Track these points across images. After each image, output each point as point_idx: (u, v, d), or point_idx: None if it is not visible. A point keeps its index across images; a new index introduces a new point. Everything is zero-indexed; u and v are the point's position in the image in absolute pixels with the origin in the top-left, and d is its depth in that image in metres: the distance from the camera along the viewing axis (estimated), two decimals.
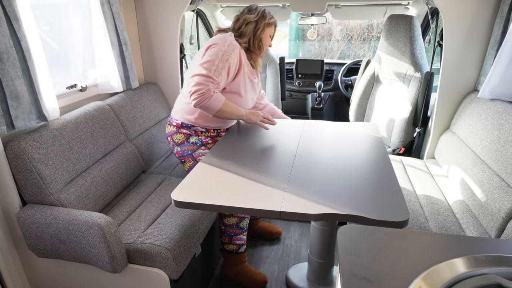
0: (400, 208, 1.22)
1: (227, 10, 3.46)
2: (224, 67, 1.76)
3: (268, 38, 2.00)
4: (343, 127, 2.10)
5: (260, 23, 1.93)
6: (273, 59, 3.35)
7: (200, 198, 1.31)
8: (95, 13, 2.09)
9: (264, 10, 1.97)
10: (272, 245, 2.36)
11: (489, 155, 1.75)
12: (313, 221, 1.25)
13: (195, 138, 1.96)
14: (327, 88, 3.69)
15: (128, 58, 2.30)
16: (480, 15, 2.04)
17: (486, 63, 2.08)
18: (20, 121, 1.56)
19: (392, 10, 3.23)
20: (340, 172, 1.52)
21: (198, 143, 1.97)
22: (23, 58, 1.56)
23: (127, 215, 1.79)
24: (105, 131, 1.97)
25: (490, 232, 1.55)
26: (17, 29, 1.51)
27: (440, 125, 2.35)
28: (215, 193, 1.35)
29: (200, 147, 1.96)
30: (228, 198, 1.32)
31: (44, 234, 1.55)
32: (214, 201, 1.29)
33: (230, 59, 1.78)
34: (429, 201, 1.86)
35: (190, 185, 1.41)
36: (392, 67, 2.75)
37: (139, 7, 2.50)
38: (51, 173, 1.58)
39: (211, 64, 1.72)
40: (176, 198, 1.31)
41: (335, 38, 7.06)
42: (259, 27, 1.93)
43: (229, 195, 1.34)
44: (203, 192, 1.36)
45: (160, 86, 2.69)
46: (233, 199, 1.31)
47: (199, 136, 1.97)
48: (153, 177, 2.16)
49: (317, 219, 1.22)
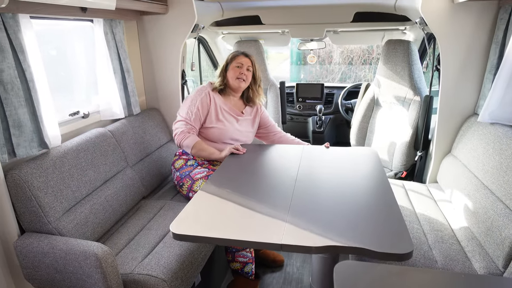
0: (403, 239, 1.18)
1: (228, 36, 3.54)
2: (195, 110, 2.08)
3: (234, 70, 2.13)
4: (343, 153, 2.10)
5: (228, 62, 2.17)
6: (274, 84, 3.39)
7: (198, 231, 1.29)
8: (99, 42, 2.14)
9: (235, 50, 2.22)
10: (274, 272, 2.32)
11: (492, 180, 1.72)
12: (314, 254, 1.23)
13: (193, 161, 2.15)
14: (328, 112, 3.71)
15: (130, 85, 2.34)
16: (476, 40, 2.07)
17: (485, 87, 2.09)
18: (21, 149, 1.58)
19: (389, 35, 3.29)
20: (341, 200, 1.49)
21: (195, 165, 2.14)
22: (27, 88, 1.59)
23: (126, 243, 1.77)
24: (105, 157, 1.98)
25: (497, 262, 1.51)
26: (22, 60, 1.55)
27: (441, 149, 2.34)
28: (214, 225, 1.33)
29: (197, 167, 2.12)
30: (228, 230, 1.30)
31: (41, 263, 1.52)
32: (213, 234, 1.27)
33: (197, 103, 2.08)
34: (433, 228, 1.82)
35: (188, 216, 1.39)
36: (392, 90, 2.77)
37: (142, 35, 2.56)
38: (50, 201, 1.58)
39: (185, 110, 2.10)
40: (175, 230, 1.29)
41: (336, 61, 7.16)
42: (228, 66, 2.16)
43: (229, 227, 1.32)
44: (202, 223, 1.34)
45: (161, 111, 2.72)
46: (232, 232, 1.29)
47: (196, 160, 2.14)
48: (153, 203, 2.15)
49: (319, 252, 1.19)
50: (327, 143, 2.21)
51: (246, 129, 2.25)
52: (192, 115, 2.07)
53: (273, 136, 2.38)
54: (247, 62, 2.14)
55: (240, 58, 2.14)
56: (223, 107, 2.16)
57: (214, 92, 2.16)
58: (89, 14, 1.92)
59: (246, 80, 2.15)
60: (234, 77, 2.13)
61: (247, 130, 2.26)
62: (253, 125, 2.31)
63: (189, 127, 2.05)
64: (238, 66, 2.12)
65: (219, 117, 2.14)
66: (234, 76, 2.13)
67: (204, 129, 2.14)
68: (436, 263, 1.58)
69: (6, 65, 1.48)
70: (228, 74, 2.15)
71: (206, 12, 2.65)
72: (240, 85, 2.14)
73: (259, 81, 2.24)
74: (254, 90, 2.23)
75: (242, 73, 2.12)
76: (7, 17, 1.47)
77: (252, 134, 2.33)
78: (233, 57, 2.16)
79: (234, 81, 2.13)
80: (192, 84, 3.42)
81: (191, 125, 2.06)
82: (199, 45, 3.10)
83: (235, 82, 2.13)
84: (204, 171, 2.09)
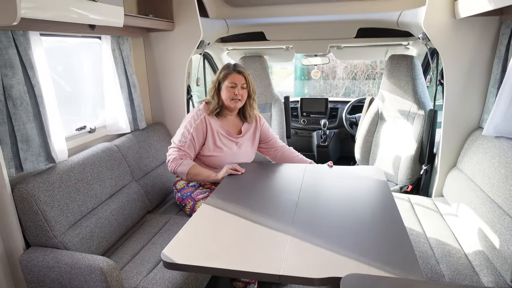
0: (412, 267, 1.10)
1: (232, 52, 3.60)
2: (189, 137, 1.98)
3: (228, 90, 1.99)
4: (346, 172, 1.99)
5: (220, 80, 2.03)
6: (278, 98, 3.42)
7: (192, 260, 1.21)
8: (106, 58, 2.19)
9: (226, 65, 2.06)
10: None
11: (498, 194, 1.71)
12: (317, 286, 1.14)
13: (194, 182, 2.11)
14: (332, 126, 3.73)
15: (137, 100, 2.38)
16: (478, 55, 2.09)
17: (488, 101, 2.10)
18: (28, 164, 1.60)
19: (393, 50, 3.33)
20: (345, 225, 1.40)
21: (196, 185, 2.11)
22: (35, 103, 1.62)
23: (131, 257, 1.76)
24: (111, 172, 1.99)
25: (505, 276, 1.48)
26: (32, 76, 1.58)
27: (446, 162, 2.33)
28: (208, 253, 1.24)
29: (198, 187, 2.09)
30: (223, 259, 1.20)
31: (46, 278, 1.52)
32: (208, 263, 1.18)
33: (192, 130, 1.99)
34: (440, 242, 1.80)
35: (182, 243, 1.32)
36: (396, 105, 2.78)
37: (148, 52, 2.61)
38: (56, 215, 1.59)
39: (178, 137, 2.02)
40: (166, 259, 1.20)
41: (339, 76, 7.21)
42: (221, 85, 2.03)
43: (224, 255, 1.23)
44: (196, 251, 1.25)
45: (167, 126, 2.75)
46: (228, 261, 1.19)
47: None
48: (158, 217, 2.15)
49: (322, 284, 1.09)
50: (330, 162, 2.08)
51: (245, 150, 2.15)
52: (186, 142, 1.98)
53: (275, 152, 2.26)
54: (241, 80, 1.99)
55: (232, 76, 1.98)
56: (220, 132, 2.05)
57: (210, 116, 2.03)
58: (97, 31, 1.98)
59: (242, 99, 2.03)
60: (228, 99, 2.00)
61: (247, 152, 2.16)
62: (253, 142, 2.21)
63: (182, 153, 1.96)
64: (232, 86, 1.98)
65: (217, 143, 2.04)
66: (229, 97, 2.00)
67: (202, 157, 2.07)
68: (444, 277, 1.55)
69: (16, 81, 1.51)
70: (222, 95, 2.02)
71: (211, 29, 2.71)
72: (236, 106, 2.03)
73: (253, 95, 2.10)
74: (248, 104, 2.10)
75: (237, 93, 1.99)
76: (18, 35, 1.51)
77: (253, 153, 2.23)
78: (226, 75, 2.00)
79: (229, 103, 2.01)
80: (197, 99, 3.47)
81: (185, 152, 1.97)
82: (204, 60, 3.15)
83: (231, 104, 2.01)
84: (206, 192, 2.06)
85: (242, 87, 2.01)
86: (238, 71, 2.00)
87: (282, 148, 2.28)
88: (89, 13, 1.62)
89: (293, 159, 2.23)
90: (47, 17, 1.43)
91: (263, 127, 2.25)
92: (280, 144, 2.30)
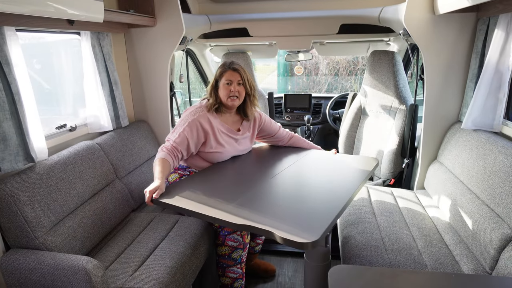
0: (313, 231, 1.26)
1: (215, 49, 3.57)
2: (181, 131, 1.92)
3: (225, 88, 2.00)
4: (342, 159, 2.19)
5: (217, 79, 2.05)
6: (262, 95, 3.42)
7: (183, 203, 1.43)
8: (86, 54, 2.13)
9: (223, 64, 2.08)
10: (266, 282, 2.30)
11: (477, 185, 1.77)
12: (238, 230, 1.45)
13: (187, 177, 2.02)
14: (316, 121, 3.76)
15: (118, 97, 2.33)
16: (457, 50, 2.14)
17: (467, 95, 2.16)
18: (6, 164, 1.55)
19: (374, 46, 3.37)
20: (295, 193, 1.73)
21: None
22: (12, 101, 1.56)
23: (115, 257, 1.73)
24: (94, 170, 1.95)
25: (484, 264, 1.54)
26: (8, 73, 1.53)
27: (427, 156, 2.39)
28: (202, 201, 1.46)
29: None
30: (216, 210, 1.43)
31: (27, 280, 1.48)
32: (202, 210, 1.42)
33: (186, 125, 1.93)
34: (422, 233, 1.85)
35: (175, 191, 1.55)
36: (378, 100, 2.83)
37: (129, 48, 2.56)
38: (37, 215, 1.55)
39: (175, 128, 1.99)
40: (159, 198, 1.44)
41: (322, 72, 7.27)
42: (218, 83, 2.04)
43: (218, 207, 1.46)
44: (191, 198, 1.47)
45: (150, 123, 2.71)
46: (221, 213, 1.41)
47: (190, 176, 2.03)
48: (143, 215, 2.12)
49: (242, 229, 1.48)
50: (335, 150, 2.28)
51: (245, 147, 2.20)
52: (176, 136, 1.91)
53: (283, 144, 2.36)
54: (236, 77, 2.01)
55: (228, 74, 2.01)
56: (221, 129, 2.05)
57: (210, 113, 2.02)
58: (77, 27, 1.92)
59: (239, 96, 2.03)
60: (226, 97, 2.01)
61: (246, 148, 2.21)
62: (252, 139, 2.25)
63: (167, 145, 1.90)
64: (227, 83, 2.01)
65: (220, 140, 2.04)
66: (226, 95, 2.00)
67: (203, 153, 2.04)
68: (426, 267, 1.60)
69: None
70: (220, 93, 2.03)
71: (194, 25, 2.68)
72: (234, 104, 2.03)
73: (253, 91, 2.11)
74: (248, 101, 2.11)
75: (233, 90, 2.00)
76: None
77: (251, 145, 2.27)
78: (221, 73, 2.03)
79: (226, 101, 2.02)
80: (180, 96, 3.43)
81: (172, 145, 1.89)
82: (187, 57, 3.12)
83: (228, 102, 2.02)
84: None
85: (238, 83, 2.02)
86: (233, 68, 2.03)
87: (290, 139, 2.36)
88: (67, 8, 1.57)
89: (301, 144, 2.37)
90: (23, 11, 1.39)
91: (264, 124, 2.26)
92: (287, 135, 2.36)
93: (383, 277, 0.82)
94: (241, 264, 1.94)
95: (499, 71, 1.86)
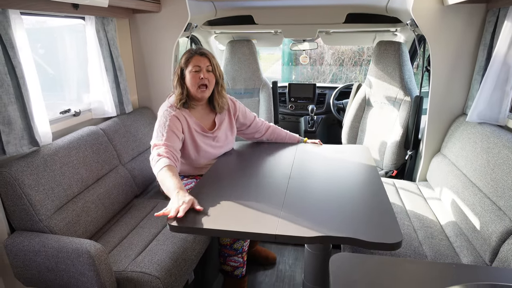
0: (393, 229, 1.22)
1: (220, 36, 3.54)
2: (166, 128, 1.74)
3: (193, 75, 1.81)
4: (335, 150, 2.13)
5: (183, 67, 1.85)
6: (266, 83, 3.41)
7: (195, 223, 1.31)
8: (90, 40, 2.13)
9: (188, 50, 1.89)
10: (266, 269, 2.32)
11: (480, 178, 1.77)
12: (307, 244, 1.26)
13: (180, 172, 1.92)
14: (320, 111, 3.74)
15: (122, 83, 2.33)
16: (465, 42, 2.12)
17: (473, 88, 2.14)
18: (11, 147, 1.56)
19: (381, 37, 3.33)
20: (334, 195, 1.54)
21: (181, 177, 1.99)
22: (17, 85, 1.57)
23: (118, 241, 1.76)
24: (98, 155, 1.96)
25: (484, 256, 1.55)
26: (12, 56, 1.53)
27: (431, 148, 2.38)
28: (210, 217, 1.35)
29: (183, 179, 2.00)
30: (224, 222, 1.32)
31: (32, 262, 1.51)
32: (210, 225, 1.29)
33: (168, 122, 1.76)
34: (423, 225, 1.85)
35: None
36: (383, 91, 2.81)
37: (134, 34, 2.54)
38: (41, 199, 1.56)
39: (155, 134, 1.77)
40: (171, 222, 1.30)
41: (327, 62, 7.22)
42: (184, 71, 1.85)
43: (225, 219, 1.34)
44: (199, 216, 1.35)
45: (153, 110, 2.71)
46: (229, 223, 1.31)
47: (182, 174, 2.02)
48: (146, 201, 2.14)
49: (311, 242, 1.21)
50: (319, 140, 2.22)
51: (224, 142, 2.03)
52: (164, 134, 1.73)
53: (260, 136, 2.18)
54: (205, 62, 1.82)
55: (195, 59, 1.81)
56: (195, 128, 1.88)
57: (180, 110, 1.84)
58: (81, 11, 1.91)
59: (209, 84, 1.85)
60: (195, 86, 1.82)
61: (227, 142, 2.05)
62: (232, 131, 2.07)
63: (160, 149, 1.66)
64: (196, 70, 1.81)
65: (196, 140, 1.89)
66: (195, 84, 1.81)
67: (185, 159, 1.92)
68: (426, 258, 1.61)
69: None
70: (187, 83, 1.83)
71: (199, 11, 2.65)
72: (204, 95, 1.86)
73: (221, 81, 1.93)
74: (216, 93, 1.92)
75: (202, 77, 1.81)
76: None
77: (233, 139, 2.11)
78: (187, 59, 1.83)
79: (195, 91, 1.83)
80: None
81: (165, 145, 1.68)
82: (191, 44, 3.10)
83: (197, 93, 1.83)
84: (192, 182, 1.97)
85: (208, 70, 1.84)
86: (201, 53, 1.84)
87: (267, 129, 2.19)
88: None
89: (282, 138, 2.22)
90: None
91: (240, 111, 2.09)
92: (263, 126, 2.18)
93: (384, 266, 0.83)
94: (242, 253, 1.96)
95: (506, 64, 1.83)
